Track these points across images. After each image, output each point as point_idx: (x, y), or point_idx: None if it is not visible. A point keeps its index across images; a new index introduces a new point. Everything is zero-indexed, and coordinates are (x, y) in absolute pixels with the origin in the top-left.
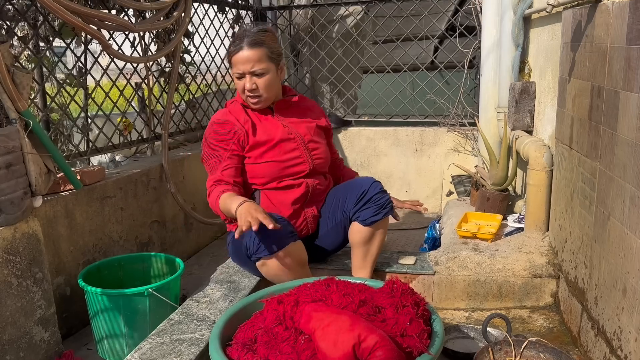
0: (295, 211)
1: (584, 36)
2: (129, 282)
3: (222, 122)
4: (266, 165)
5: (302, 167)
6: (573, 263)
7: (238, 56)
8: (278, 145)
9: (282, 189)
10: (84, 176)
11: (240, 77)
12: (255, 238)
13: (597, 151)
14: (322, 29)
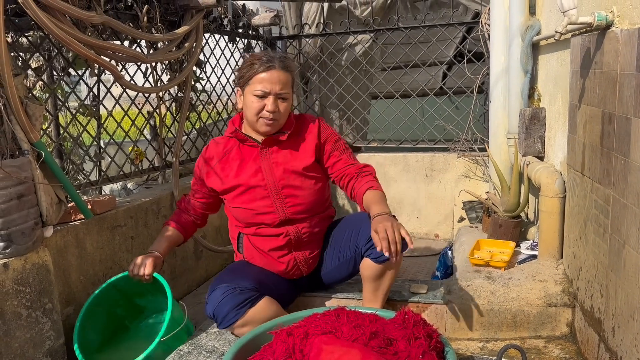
0: (280, 258)
1: (593, 63)
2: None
3: (200, 159)
4: (238, 211)
5: (273, 217)
6: (589, 292)
7: (268, 74)
8: (248, 192)
9: (261, 235)
10: (95, 205)
11: (262, 97)
12: (215, 307)
13: (610, 178)
14: (331, 57)
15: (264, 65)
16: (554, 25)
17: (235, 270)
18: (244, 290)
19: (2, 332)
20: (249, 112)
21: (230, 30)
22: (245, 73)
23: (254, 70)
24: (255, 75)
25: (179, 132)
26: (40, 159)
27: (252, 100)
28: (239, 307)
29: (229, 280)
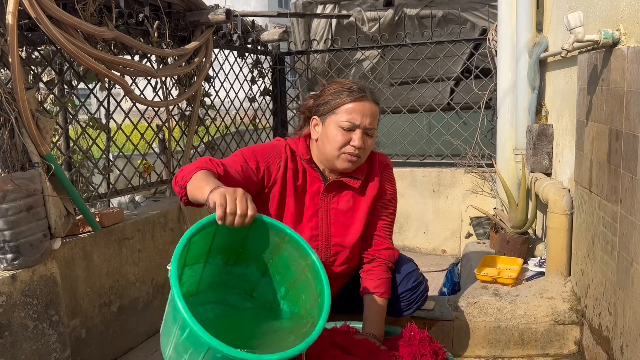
0: None
1: (600, 80)
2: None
3: (272, 146)
4: None
5: None
6: (597, 310)
7: (359, 105)
8: (295, 229)
9: None
10: (103, 218)
11: (349, 130)
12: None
13: (618, 195)
14: (339, 72)
15: (354, 95)
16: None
17: None
18: None
19: (9, 343)
20: (329, 145)
21: (240, 46)
22: (330, 101)
23: (342, 99)
24: (344, 105)
25: (187, 145)
26: (50, 172)
27: (335, 133)
28: None
29: None
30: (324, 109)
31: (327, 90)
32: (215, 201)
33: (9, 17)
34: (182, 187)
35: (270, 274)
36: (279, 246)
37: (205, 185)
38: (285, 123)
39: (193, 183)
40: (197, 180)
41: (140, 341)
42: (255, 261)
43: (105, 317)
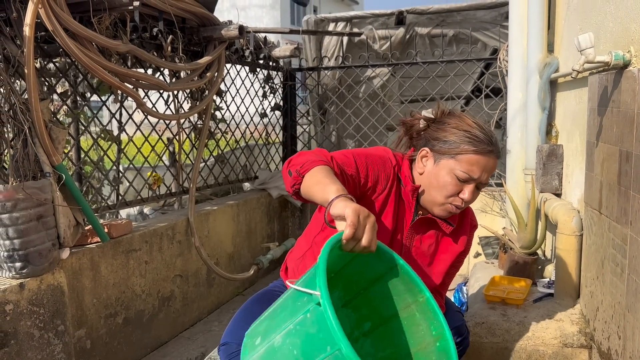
0: None
1: (610, 101)
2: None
3: (383, 159)
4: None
5: None
6: (606, 333)
7: (483, 159)
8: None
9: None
10: (112, 229)
11: (465, 182)
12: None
13: (628, 217)
14: (349, 89)
15: (482, 147)
16: (571, 63)
17: (254, 315)
18: None
19: (14, 352)
20: (436, 189)
21: (252, 62)
22: (453, 142)
23: (468, 148)
24: (468, 154)
25: (197, 159)
26: (61, 182)
27: (448, 180)
28: None
29: (244, 332)
30: (442, 147)
31: (451, 127)
32: (348, 217)
33: (26, 29)
34: (300, 175)
35: (355, 304)
36: (382, 276)
37: (330, 184)
38: (294, 138)
39: (314, 176)
40: (319, 175)
41: (144, 354)
42: (342, 288)
43: (110, 329)
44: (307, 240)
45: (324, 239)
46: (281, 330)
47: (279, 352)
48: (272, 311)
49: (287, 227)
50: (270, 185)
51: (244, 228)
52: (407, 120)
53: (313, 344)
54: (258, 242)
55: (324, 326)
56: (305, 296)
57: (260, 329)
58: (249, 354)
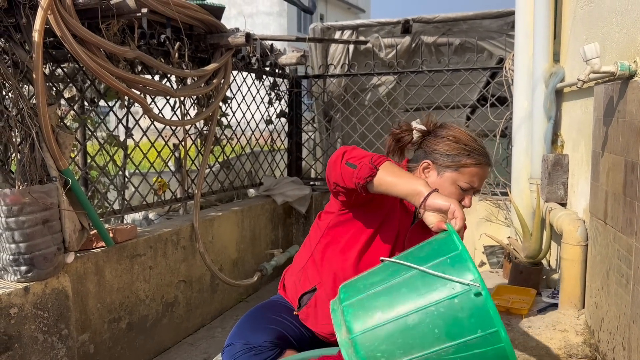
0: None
1: (616, 111)
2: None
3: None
4: (342, 262)
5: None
6: (610, 344)
7: (483, 171)
8: (365, 258)
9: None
10: (117, 234)
11: (466, 191)
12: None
13: (633, 227)
14: (354, 97)
15: (482, 159)
16: (577, 73)
17: (258, 320)
18: (260, 351)
19: (18, 355)
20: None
21: (258, 69)
22: (456, 156)
23: (470, 161)
24: (471, 167)
25: (203, 164)
26: (67, 186)
27: (452, 191)
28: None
29: (249, 334)
30: (444, 161)
31: (450, 141)
32: (456, 209)
33: (35, 35)
34: (376, 167)
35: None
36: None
37: (415, 178)
38: (300, 145)
39: (391, 169)
40: (395, 168)
41: (147, 359)
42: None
43: (114, 333)
44: (307, 251)
45: (324, 248)
46: (417, 310)
47: (414, 329)
48: (389, 289)
49: (291, 234)
50: (275, 191)
51: (248, 234)
52: (398, 132)
53: (460, 326)
54: (262, 248)
55: (476, 312)
56: (446, 282)
57: (376, 304)
58: (365, 326)
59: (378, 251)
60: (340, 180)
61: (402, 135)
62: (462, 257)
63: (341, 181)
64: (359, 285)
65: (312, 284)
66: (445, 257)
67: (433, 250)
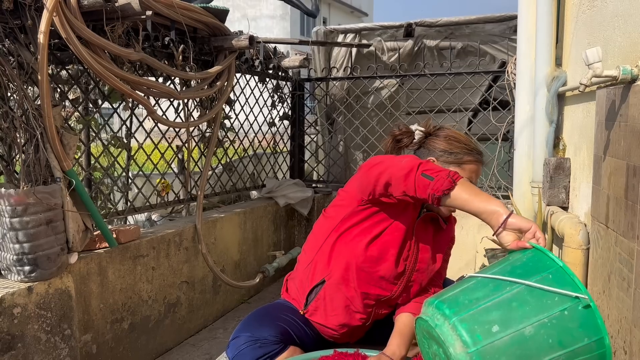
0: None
1: (618, 115)
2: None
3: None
4: (353, 249)
5: (382, 294)
6: (612, 348)
7: (478, 168)
8: (385, 256)
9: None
10: (120, 235)
11: None
12: (235, 355)
13: (635, 232)
14: (357, 100)
15: (478, 157)
16: (579, 77)
17: (263, 316)
18: (265, 344)
19: (21, 355)
20: None
21: (261, 71)
22: (458, 154)
23: (470, 158)
24: (470, 164)
25: (206, 166)
26: (71, 187)
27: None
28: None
29: (254, 328)
30: (448, 158)
31: (452, 140)
32: (537, 230)
33: (40, 37)
34: (454, 182)
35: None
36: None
37: (491, 198)
38: (302, 148)
39: (468, 186)
40: (470, 185)
41: (149, 359)
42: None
43: (116, 334)
44: (314, 248)
45: (336, 240)
46: (532, 323)
47: (531, 341)
48: (500, 303)
49: (293, 236)
50: (277, 194)
51: (250, 236)
52: (398, 133)
53: (571, 336)
54: (264, 250)
55: (584, 322)
56: (555, 295)
57: (490, 318)
58: (484, 339)
59: (389, 240)
60: (412, 189)
61: (402, 137)
62: (566, 272)
63: (412, 190)
64: (463, 300)
65: (321, 277)
66: (547, 273)
67: (528, 266)
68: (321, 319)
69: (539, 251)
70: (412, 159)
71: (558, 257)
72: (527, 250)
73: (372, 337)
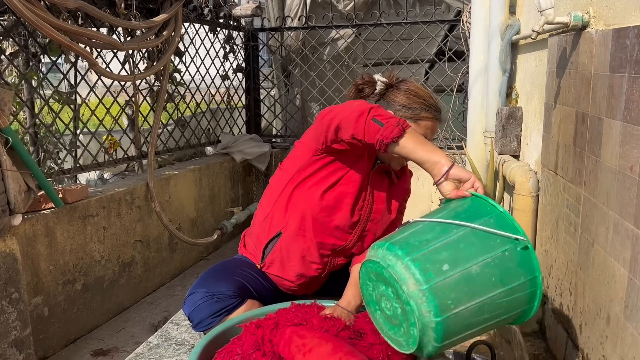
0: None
1: (568, 63)
2: None
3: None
4: (308, 199)
5: (337, 243)
6: (558, 290)
7: (436, 125)
8: (340, 205)
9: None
10: (67, 194)
11: None
12: (192, 311)
13: (582, 178)
14: (313, 51)
15: (435, 114)
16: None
17: (220, 272)
18: (222, 298)
19: None
20: None
21: (211, 20)
22: (416, 109)
23: (428, 115)
24: (427, 120)
25: (155, 122)
26: (8, 145)
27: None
28: (214, 315)
29: (211, 284)
30: (405, 113)
31: (411, 95)
32: (476, 180)
33: None
34: (403, 131)
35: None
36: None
37: (436, 148)
38: (258, 102)
39: (415, 135)
40: (417, 135)
41: (105, 319)
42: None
43: (69, 295)
44: (269, 201)
45: (292, 191)
46: (477, 262)
47: (477, 279)
48: (448, 244)
49: (251, 192)
50: (233, 149)
51: (206, 193)
52: (361, 83)
53: (510, 274)
54: (222, 206)
55: (522, 262)
56: (497, 238)
57: (440, 257)
58: (436, 277)
59: (344, 190)
60: (362, 133)
61: (364, 87)
62: (506, 217)
63: (362, 134)
64: (413, 242)
65: (277, 229)
66: (489, 217)
67: (471, 212)
68: (278, 271)
69: (480, 198)
70: (362, 103)
71: (498, 204)
72: (467, 198)
73: (329, 289)
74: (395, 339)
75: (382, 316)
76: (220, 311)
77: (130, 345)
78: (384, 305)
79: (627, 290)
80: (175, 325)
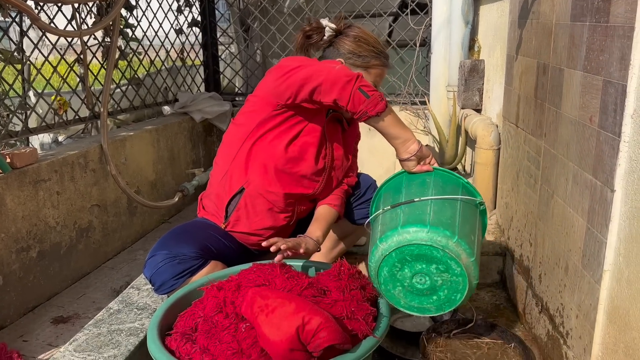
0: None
1: (530, 13)
2: None
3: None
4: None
5: (305, 192)
6: (519, 241)
7: (385, 71)
8: (305, 155)
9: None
10: (15, 158)
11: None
12: (153, 273)
13: (542, 129)
14: (272, 4)
15: (385, 61)
16: None
17: (181, 234)
18: (184, 260)
19: None
20: None
21: None
22: (366, 57)
23: (378, 62)
24: (378, 67)
25: (107, 80)
26: None
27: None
28: (177, 277)
29: (172, 245)
30: (356, 61)
31: (361, 42)
32: (432, 160)
33: None
34: (386, 106)
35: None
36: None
37: (406, 128)
38: (216, 58)
39: (392, 111)
40: (394, 113)
41: (65, 286)
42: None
43: (24, 263)
44: (226, 159)
45: (252, 145)
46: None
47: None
48: (461, 219)
49: (213, 152)
50: (192, 108)
51: (165, 154)
52: (308, 29)
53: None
54: (182, 168)
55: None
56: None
57: (465, 231)
58: (473, 250)
59: (307, 140)
60: (346, 101)
61: (312, 33)
62: (467, 186)
63: (345, 101)
64: (446, 221)
65: (239, 186)
66: (460, 187)
67: (450, 184)
68: (245, 228)
69: (442, 171)
70: (343, 68)
71: (457, 175)
72: (430, 172)
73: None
74: (420, 307)
75: (405, 291)
76: (182, 273)
77: (92, 311)
78: (416, 281)
79: (585, 239)
80: (137, 290)
